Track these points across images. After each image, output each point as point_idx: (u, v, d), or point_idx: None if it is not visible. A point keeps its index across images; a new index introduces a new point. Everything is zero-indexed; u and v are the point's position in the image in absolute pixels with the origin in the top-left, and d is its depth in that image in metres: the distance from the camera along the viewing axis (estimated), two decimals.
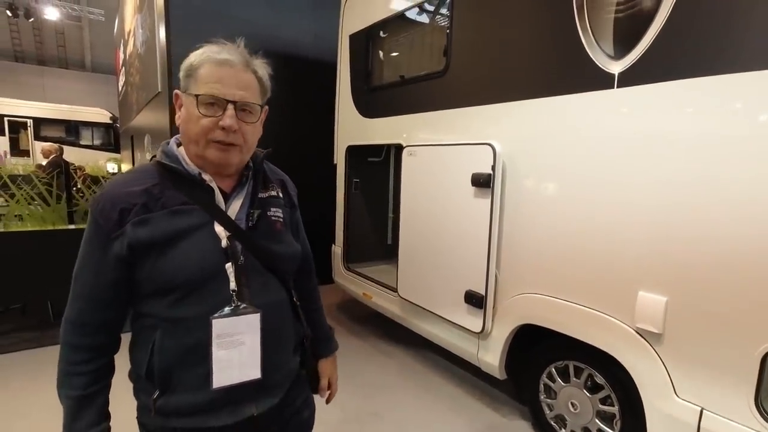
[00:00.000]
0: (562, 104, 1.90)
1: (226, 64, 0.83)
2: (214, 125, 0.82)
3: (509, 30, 2.15)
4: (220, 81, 0.82)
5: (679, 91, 1.52)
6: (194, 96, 0.82)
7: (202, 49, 0.85)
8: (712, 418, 1.47)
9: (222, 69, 0.82)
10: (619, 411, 1.83)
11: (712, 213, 1.44)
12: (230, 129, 0.82)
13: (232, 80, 0.82)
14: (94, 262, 0.82)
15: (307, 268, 1.13)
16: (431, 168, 2.55)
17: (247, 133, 0.86)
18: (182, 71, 0.86)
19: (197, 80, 0.83)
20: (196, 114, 0.82)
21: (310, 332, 1.07)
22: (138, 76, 6.16)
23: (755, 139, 1.35)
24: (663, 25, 1.55)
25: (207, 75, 0.82)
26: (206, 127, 0.82)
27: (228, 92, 0.82)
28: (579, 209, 1.84)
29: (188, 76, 0.84)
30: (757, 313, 1.36)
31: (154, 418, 0.85)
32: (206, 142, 0.83)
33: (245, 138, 0.86)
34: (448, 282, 2.43)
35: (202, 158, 0.86)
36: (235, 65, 0.83)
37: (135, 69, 6.45)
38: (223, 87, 0.82)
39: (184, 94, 0.85)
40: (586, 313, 1.83)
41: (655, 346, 1.61)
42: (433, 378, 2.77)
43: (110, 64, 13.03)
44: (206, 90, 0.81)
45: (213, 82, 0.81)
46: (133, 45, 6.47)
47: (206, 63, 0.83)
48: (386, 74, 3.18)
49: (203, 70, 0.83)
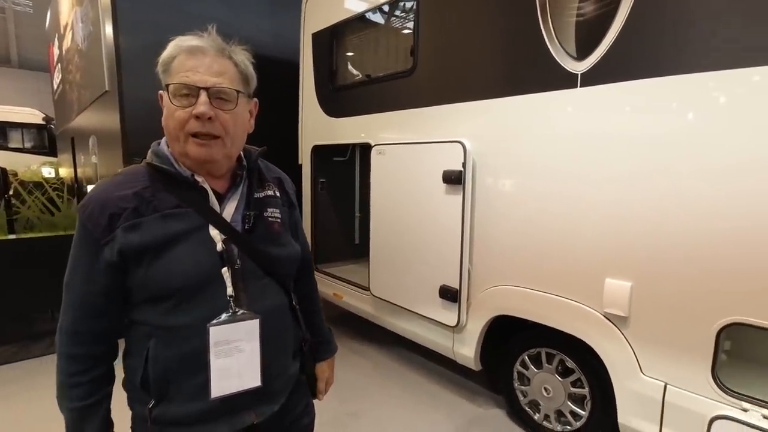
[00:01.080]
0: (529, 103, 1.98)
1: (198, 52, 0.79)
2: (189, 116, 0.78)
3: (476, 31, 2.20)
4: (191, 69, 0.78)
5: (638, 90, 1.63)
6: (167, 87, 0.78)
7: (175, 41, 0.81)
8: (675, 392, 1.59)
9: (194, 57, 0.79)
10: (589, 392, 1.94)
11: (668, 205, 1.56)
12: (203, 116, 0.78)
13: (204, 67, 0.78)
14: (84, 270, 0.78)
15: (307, 269, 1.11)
16: (402, 166, 2.57)
17: (228, 122, 0.81)
18: (159, 68, 0.82)
19: (170, 73, 0.79)
20: (171, 106, 0.78)
21: (309, 336, 1.05)
22: (79, 74, 5.75)
23: (705, 137, 1.47)
24: (622, 28, 1.65)
25: (179, 65, 0.79)
26: (182, 119, 0.78)
27: (199, 79, 0.78)
28: (547, 203, 1.93)
29: (164, 71, 0.80)
30: (712, 293, 1.49)
31: (150, 428, 0.81)
32: (185, 136, 0.79)
33: (226, 128, 0.81)
34: (422, 278, 2.47)
35: (185, 156, 0.82)
36: (208, 51, 0.79)
37: (75, 66, 6.01)
38: (194, 74, 0.78)
39: (162, 91, 0.82)
40: (557, 302, 1.92)
41: (621, 328, 1.72)
42: (409, 375, 2.80)
43: (41, 60, 12.05)
44: (177, 79, 0.78)
45: (186, 71, 0.78)
46: (72, 40, 6.03)
47: (178, 54, 0.79)
48: (352, 73, 3.16)
49: (176, 61, 0.79)
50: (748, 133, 1.40)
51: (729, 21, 1.43)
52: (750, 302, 1.42)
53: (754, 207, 1.39)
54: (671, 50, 1.55)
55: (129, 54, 3.77)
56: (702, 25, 1.50)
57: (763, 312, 1.40)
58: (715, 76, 1.45)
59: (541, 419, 2.14)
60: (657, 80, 1.58)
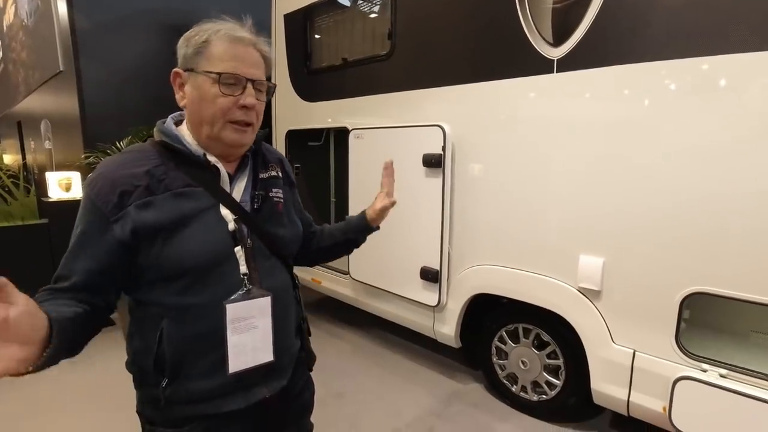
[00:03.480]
0: (506, 87, 2.04)
1: (240, 42, 0.80)
2: (233, 104, 0.79)
3: (454, 15, 2.23)
4: (236, 59, 0.79)
5: (611, 76, 1.72)
6: (213, 74, 0.77)
7: (208, 25, 0.80)
8: (643, 358, 1.73)
9: (237, 46, 0.79)
10: (563, 363, 2.07)
11: (635, 184, 1.68)
12: (252, 107, 0.81)
13: (247, 58, 0.80)
14: (89, 246, 0.75)
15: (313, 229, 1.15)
16: (381, 150, 2.59)
17: (260, 112, 0.86)
18: (188, 47, 0.79)
19: (209, 58, 0.78)
20: (213, 93, 0.78)
21: (347, 231, 1.15)
22: (25, 52, 5.35)
23: (664, 121, 1.59)
24: (596, 15, 1.73)
25: (222, 52, 0.78)
26: (225, 106, 0.79)
27: (247, 71, 0.80)
28: (524, 185, 2.01)
29: (197, 53, 0.79)
30: (675, 266, 1.62)
31: (162, 407, 0.81)
32: (223, 123, 0.80)
33: (258, 117, 0.86)
34: (403, 260, 2.52)
35: (215, 140, 0.82)
36: (249, 43, 0.81)
37: (19, 43, 5.59)
38: (242, 65, 0.79)
39: (191, 72, 0.80)
40: (534, 279, 2.02)
41: (594, 302, 1.84)
42: (389, 355, 2.87)
43: None
44: (225, 68, 0.78)
45: (231, 60, 0.78)
46: (15, 15, 5.59)
47: (220, 40, 0.78)
48: (327, 57, 3.12)
49: (217, 47, 0.78)
50: (701, 117, 1.52)
51: (685, 13, 1.54)
52: (708, 273, 1.56)
53: (710, 187, 1.52)
54: (641, 38, 1.65)
55: (86, 32, 3.55)
56: (663, 16, 1.59)
57: (719, 281, 1.54)
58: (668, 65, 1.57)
59: (518, 391, 2.26)
60: (628, 67, 1.67)
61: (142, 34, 3.97)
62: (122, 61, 3.85)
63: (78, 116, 3.56)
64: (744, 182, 1.46)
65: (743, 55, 1.43)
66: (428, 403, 2.33)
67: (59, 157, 4.65)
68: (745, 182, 1.46)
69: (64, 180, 3.58)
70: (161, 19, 4.05)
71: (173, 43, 0.84)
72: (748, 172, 1.45)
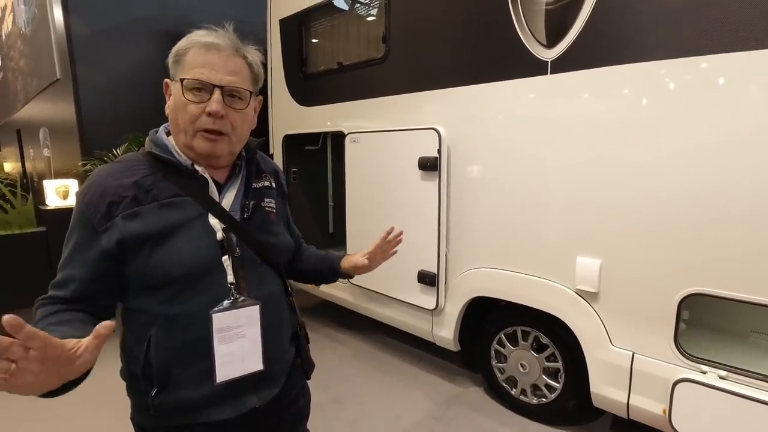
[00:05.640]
0: (501, 90, 2.04)
1: (213, 48, 0.79)
2: (201, 112, 0.79)
3: (448, 18, 2.23)
4: (206, 65, 0.78)
5: (605, 77, 1.71)
6: (180, 81, 0.78)
7: (194, 34, 0.81)
8: (642, 360, 1.71)
9: (209, 53, 0.79)
10: (562, 365, 2.05)
11: (633, 185, 1.66)
12: (216, 115, 0.79)
13: (219, 65, 0.79)
14: (81, 255, 0.76)
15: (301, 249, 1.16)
16: (377, 154, 2.58)
17: (236, 120, 0.83)
18: (170, 58, 0.82)
19: (183, 66, 0.79)
20: (183, 100, 0.79)
21: (328, 264, 1.13)
22: (23, 61, 5.37)
23: (663, 121, 1.58)
24: (589, 16, 1.72)
25: (193, 60, 0.79)
26: (194, 114, 0.79)
27: (214, 77, 0.78)
28: (520, 187, 2.00)
29: (176, 63, 0.80)
30: (673, 267, 1.61)
31: (153, 416, 0.81)
32: (194, 131, 0.80)
33: (234, 126, 0.83)
34: (400, 264, 2.49)
35: (190, 148, 0.82)
36: (223, 49, 0.80)
37: (18, 52, 5.61)
38: (209, 71, 0.78)
39: (171, 81, 0.82)
40: (531, 281, 2.00)
41: (592, 304, 1.83)
42: (387, 359, 2.85)
43: None
44: (192, 75, 0.78)
45: (201, 67, 0.78)
46: (13, 23, 5.61)
47: (192, 47, 0.79)
48: (323, 61, 3.12)
49: (189, 55, 0.79)
50: (697, 117, 1.51)
51: (678, 12, 1.53)
52: (706, 274, 1.55)
53: (708, 187, 1.51)
54: (634, 39, 1.64)
55: (82, 39, 3.56)
56: (656, 15, 1.59)
57: (717, 282, 1.53)
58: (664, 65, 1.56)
59: (518, 394, 2.24)
60: (622, 67, 1.66)
61: (138, 41, 3.98)
62: (119, 68, 3.86)
63: (75, 124, 3.56)
64: (742, 182, 1.45)
65: (739, 54, 1.42)
66: (428, 406, 2.31)
67: (58, 165, 4.66)
68: (743, 182, 1.44)
69: (62, 188, 3.58)
70: (158, 26, 4.07)
71: (169, 51, 0.84)
72: (746, 173, 1.44)
